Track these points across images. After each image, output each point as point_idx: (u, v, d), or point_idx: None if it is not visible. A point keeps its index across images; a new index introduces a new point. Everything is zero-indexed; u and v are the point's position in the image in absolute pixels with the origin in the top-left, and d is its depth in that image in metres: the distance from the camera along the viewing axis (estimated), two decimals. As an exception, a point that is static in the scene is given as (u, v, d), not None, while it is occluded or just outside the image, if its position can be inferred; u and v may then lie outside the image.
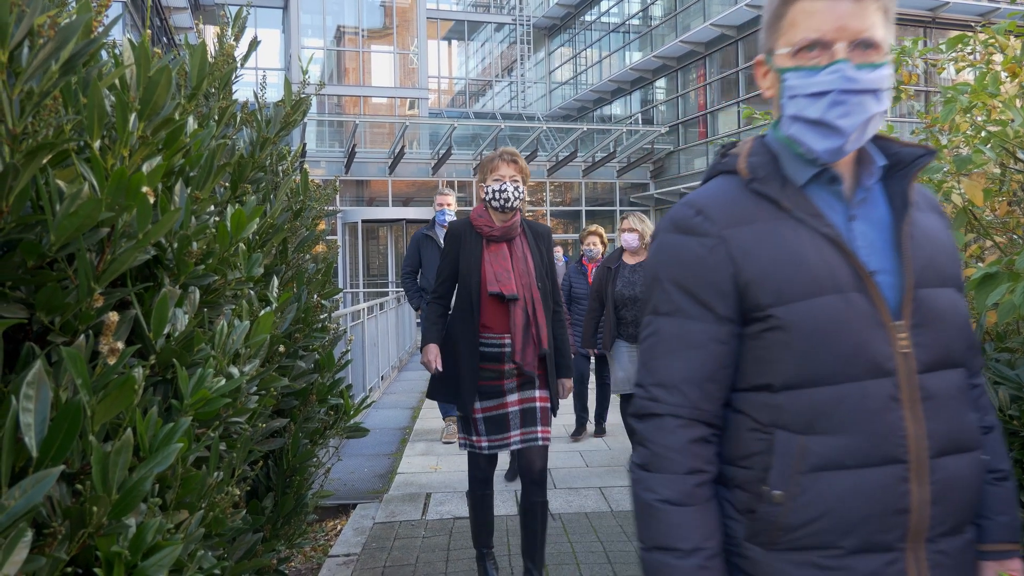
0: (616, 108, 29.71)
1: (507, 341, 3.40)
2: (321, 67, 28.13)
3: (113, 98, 1.30)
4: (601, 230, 6.88)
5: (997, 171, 3.04)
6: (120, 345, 1.17)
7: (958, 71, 3.44)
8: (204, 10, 24.18)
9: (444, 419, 6.80)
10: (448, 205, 6.55)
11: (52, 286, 1.16)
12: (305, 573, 3.98)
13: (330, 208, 2.93)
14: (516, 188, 3.43)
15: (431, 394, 3.60)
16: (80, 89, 1.28)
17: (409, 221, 21.61)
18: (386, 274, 22.90)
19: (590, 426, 7.00)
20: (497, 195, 3.42)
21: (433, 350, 3.49)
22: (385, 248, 23.40)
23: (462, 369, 3.41)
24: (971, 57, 3.23)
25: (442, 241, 6.40)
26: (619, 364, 5.24)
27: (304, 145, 3.00)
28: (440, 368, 3.46)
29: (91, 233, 1.21)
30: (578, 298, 6.71)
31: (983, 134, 2.92)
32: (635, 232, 5.37)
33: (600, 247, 6.78)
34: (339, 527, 4.65)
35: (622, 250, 5.45)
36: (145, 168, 1.29)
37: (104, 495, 1.05)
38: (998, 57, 3.14)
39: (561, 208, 26.54)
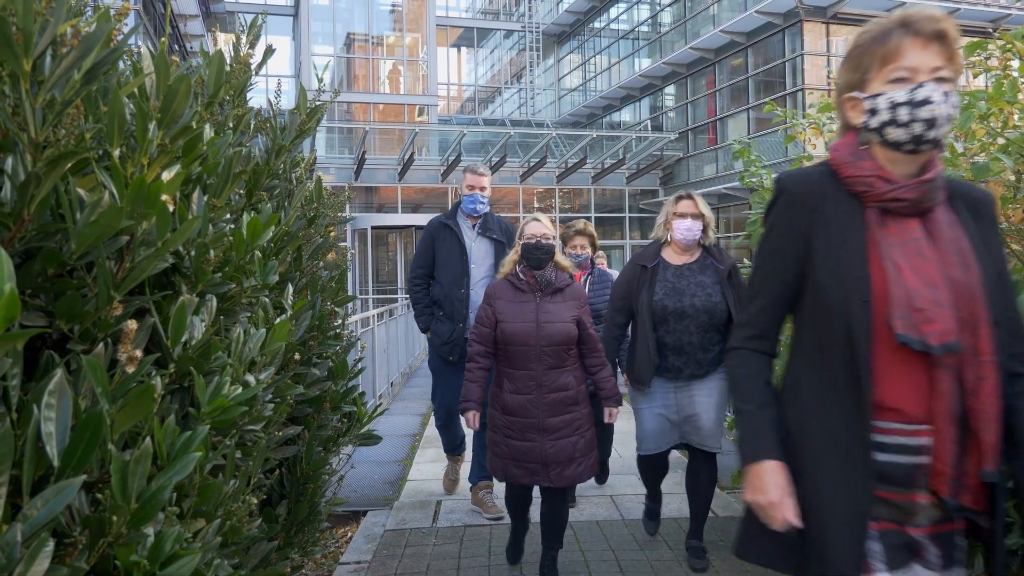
0: (625, 115, 29.71)
1: (924, 441, 1.49)
2: (331, 74, 28.25)
3: (132, 106, 1.30)
4: (592, 229, 4.93)
5: (1013, 178, 3.02)
6: (139, 353, 1.17)
7: (975, 76, 3.42)
8: (215, 17, 24.34)
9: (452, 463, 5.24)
10: (483, 190, 4.76)
11: (72, 294, 1.16)
12: (316, 580, 3.97)
13: (343, 215, 2.93)
14: (946, 95, 1.50)
15: (744, 549, 1.69)
16: (100, 97, 1.29)
17: (418, 228, 21.63)
18: (395, 281, 22.92)
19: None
20: (905, 112, 1.50)
21: (779, 475, 1.56)
22: (394, 255, 23.44)
23: (828, 502, 1.53)
24: (989, 63, 3.22)
25: (466, 235, 4.73)
26: (647, 413, 3.81)
27: (314, 152, 3.00)
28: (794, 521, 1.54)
29: (111, 241, 1.21)
30: None
31: (1000, 141, 2.91)
32: (699, 219, 3.81)
33: (590, 251, 4.90)
34: (350, 534, 4.64)
35: (661, 244, 3.92)
36: (164, 176, 1.29)
37: (123, 504, 1.05)
38: (1015, 63, 3.12)
39: (570, 215, 26.53)
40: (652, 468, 4.08)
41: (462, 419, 3.58)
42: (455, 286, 4.68)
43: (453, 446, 5.11)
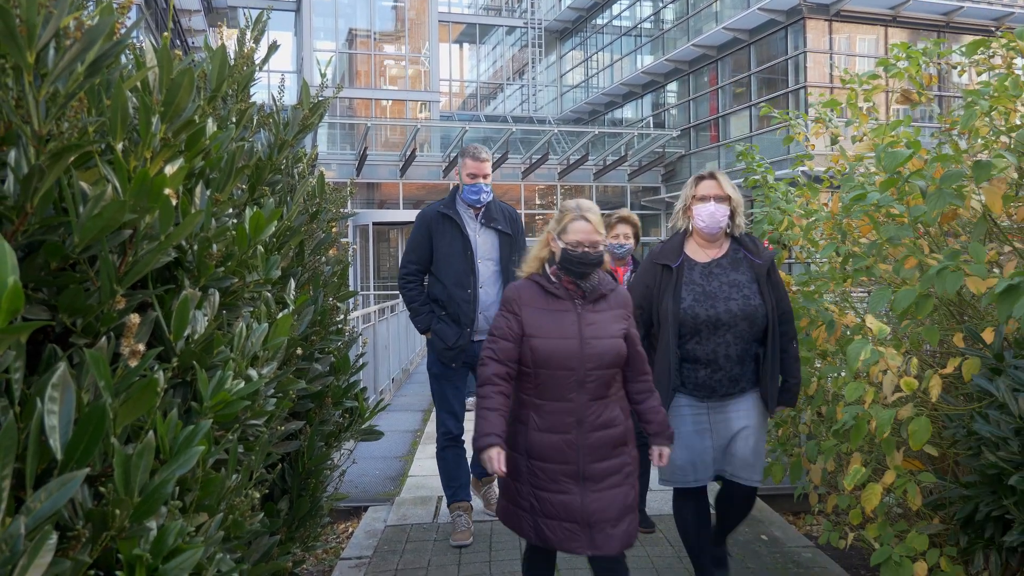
0: (627, 112, 29.69)
1: None
2: (333, 70, 28.23)
3: (135, 100, 1.30)
4: (636, 218, 4.28)
5: (1015, 176, 3.02)
6: (141, 347, 1.17)
7: (979, 73, 3.42)
8: (217, 12, 24.32)
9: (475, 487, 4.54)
10: (486, 177, 4.12)
11: (75, 288, 1.16)
12: None
13: (345, 211, 2.93)
14: None
15: None
16: (103, 91, 1.28)
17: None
18: (396, 277, 22.95)
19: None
20: None
21: None
22: (396, 251, 23.46)
23: None
24: (994, 60, 3.21)
25: (469, 227, 4.09)
26: (677, 437, 2.97)
27: (316, 148, 2.99)
28: None
29: (114, 235, 1.21)
30: None
31: (1003, 139, 2.90)
32: (724, 201, 3.12)
33: (632, 243, 4.25)
34: (350, 529, 4.64)
35: (684, 235, 3.22)
36: (167, 170, 1.29)
37: (126, 498, 1.05)
38: (1019, 62, 3.12)
39: (572, 211, 26.46)
40: (695, 514, 3.19)
41: (487, 456, 2.53)
42: (460, 286, 4.04)
43: (453, 486, 4.21)
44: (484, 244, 4.15)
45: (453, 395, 4.18)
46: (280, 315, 1.75)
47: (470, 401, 5.73)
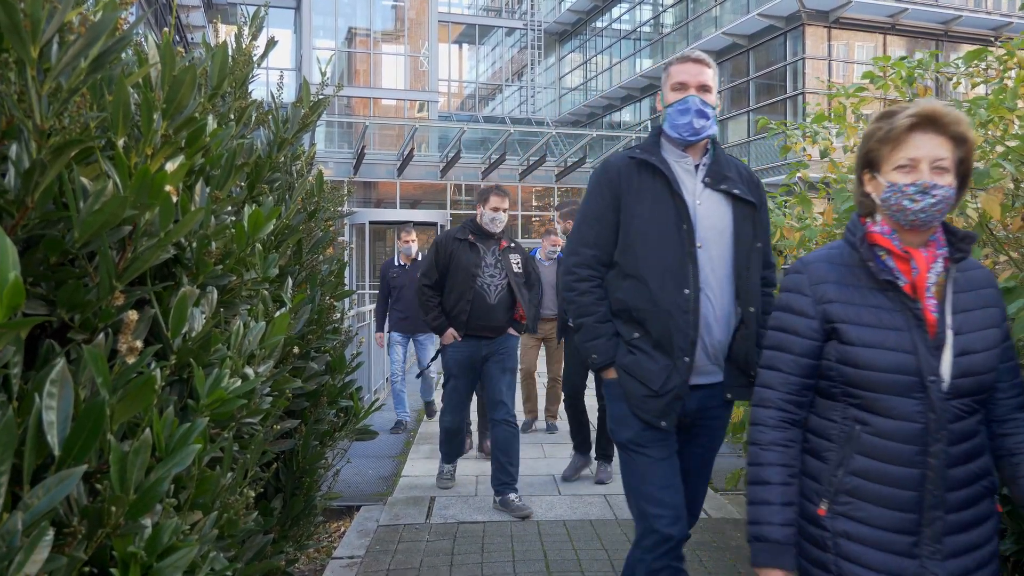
0: (626, 115, 29.71)
1: None
2: (332, 68, 28.21)
3: (137, 96, 1.30)
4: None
5: (1012, 186, 3.03)
6: (139, 344, 1.17)
7: (974, 86, 3.44)
8: (216, 8, 24.30)
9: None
10: (702, 90, 2.52)
11: (74, 283, 1.16)
12: (308, 575, 3.97)
13: (343, 210, 2.92)
14: None
15: None
16: (105, 86, 1.28)
17: (416, 223, 21.54)
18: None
19: None
20: None
21: None
22: (392, 250, 23.43)
23: None
24: (987, 73, 3.24)
25: (684, 183, 2.40)
26: None
27: (314, 146, 2.99)
28: None
29: (113, 231, 1.21)
30: None
31: (1000, 148, 2.92)
32: None
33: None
34: (343, 529, 4.64)
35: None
36: (168, 167, 1.28)
37: (122, 495, 1.05)
38: (1013, 73, 3.14)
39: (568, 214, 26.45)
40: None
41: None
42: (672, 283, 2.32)
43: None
44: (709, 216, 2.40)
45: (662, 476, 2.37)
46: (277, 314, 1.75)
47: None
